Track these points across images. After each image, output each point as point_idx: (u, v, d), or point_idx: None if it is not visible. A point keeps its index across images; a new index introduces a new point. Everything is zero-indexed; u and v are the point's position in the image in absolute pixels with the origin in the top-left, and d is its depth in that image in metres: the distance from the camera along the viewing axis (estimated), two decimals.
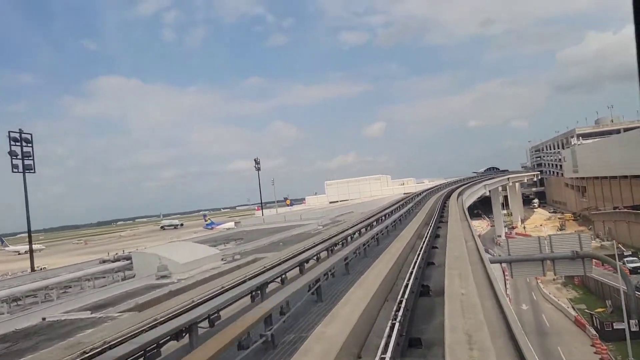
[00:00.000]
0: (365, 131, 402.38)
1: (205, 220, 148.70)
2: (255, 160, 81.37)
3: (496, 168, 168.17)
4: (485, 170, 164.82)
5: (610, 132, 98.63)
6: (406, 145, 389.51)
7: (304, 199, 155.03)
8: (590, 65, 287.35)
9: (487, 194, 74.02)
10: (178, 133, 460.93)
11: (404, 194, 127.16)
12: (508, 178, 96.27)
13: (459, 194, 49.26)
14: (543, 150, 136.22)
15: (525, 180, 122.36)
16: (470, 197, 56.49)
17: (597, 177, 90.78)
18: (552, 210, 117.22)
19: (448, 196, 49.48)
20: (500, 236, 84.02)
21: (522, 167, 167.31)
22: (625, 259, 45.35)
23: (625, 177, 77.68)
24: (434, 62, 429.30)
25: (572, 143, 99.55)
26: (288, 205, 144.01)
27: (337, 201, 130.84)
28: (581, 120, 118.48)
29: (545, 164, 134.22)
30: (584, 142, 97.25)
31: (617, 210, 68.34)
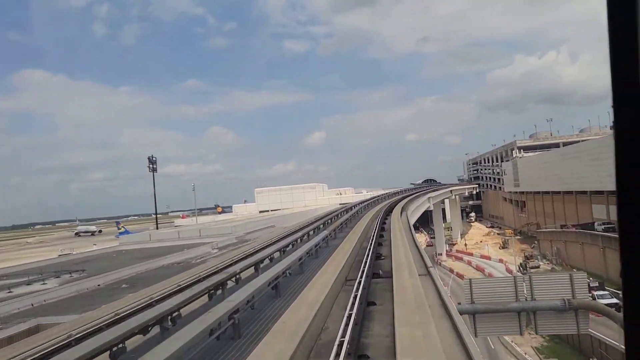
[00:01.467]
0: (306, 140, 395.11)
1: (119, 229, 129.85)
2: (149, 159, 65.97)
3: (433, 180, 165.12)
4: (423, 182, 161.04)
5: (549, 146, 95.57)
6: (346, 156, 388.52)
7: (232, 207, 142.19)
8: (517, 87, 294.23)
9: (431, 207, 65.24)
10: (109, 134, 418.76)
11: (340, 204, 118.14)
12: (451, 191, 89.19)
13: (403, 209, 38.83)
14: (481, 163, 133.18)
15: (467, 194, 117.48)
16: (415, 212, 46.76)
17: (538, 192, 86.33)
18: (489, 225, 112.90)
19: (389, 211, 38.77)
20: (441, 254, 75.78)
21: (458, 179, 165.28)
22: (595, 293, 36.99)
23: (570, 192, 72.88)
24: (375, 76, 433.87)
25: (514, 155, 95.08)
26: (219, 212, 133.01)
27: (268, 210, 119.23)
28: (507, 138, 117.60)
29: (483, 177, 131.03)
30: (525, 155, 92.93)
31: (567, 229, 62.05)
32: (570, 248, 58.27)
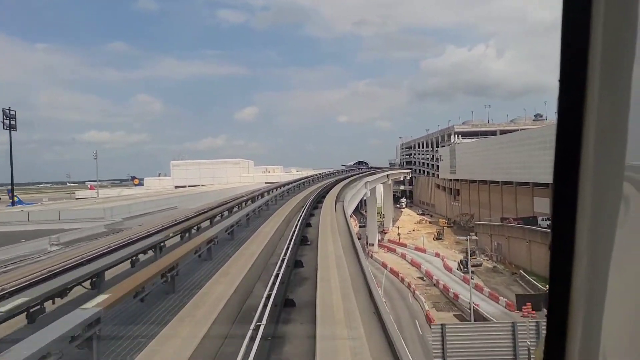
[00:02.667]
0: (238, 115, 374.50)
1: (11, 198, 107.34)
2: (4, 111, 49.24)
3: (365, 163, 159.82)
4: (354, 164, 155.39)
5: (485, 133, 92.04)
6: (278, 133, 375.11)
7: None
8: (447, 77, 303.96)
9: (369, 194, 56.74)
10: (22, 94, 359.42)
11: (267, 183, 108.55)
12: (387, 175, 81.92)
13: (337, 198, 28.95)
14: (415, 147, 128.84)
15: (402, 178, 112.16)
16: (352, 201, 37.47)
17: (474, 181, 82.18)
18: (420, 212, 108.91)
19: (319, 199, 28.69)
20: (372, 244, 68.25)
21: (390, 163, 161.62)
22: None
23: (509, 183, 68.70)
24: (312, 55, 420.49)
25: (452, 141, 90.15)
26: (136, 185, 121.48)
27: (185, 186, 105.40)
28: (436, 126, 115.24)
29: (416, 162, 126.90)
30: (463, 141, 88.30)
31: (509, 224, 56.95)
32: (514, 245, 53.13)
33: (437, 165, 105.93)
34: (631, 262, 1.00)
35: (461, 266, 50.20)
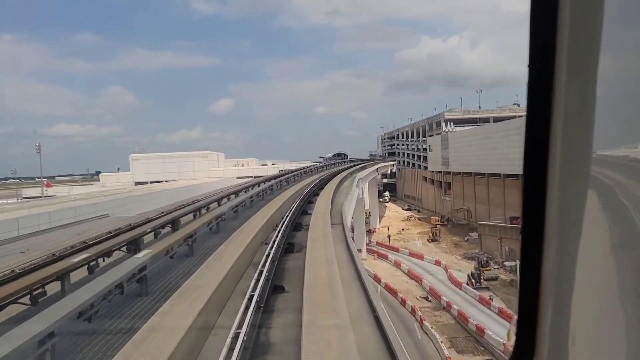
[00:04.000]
0: (213, 107, 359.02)
1: None
2: None
3: (344, 154, 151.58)
4: (333, 156, 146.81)
5: (476, 120, 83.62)
6: (254, 125, 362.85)
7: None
8: (422, 68, 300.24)
9: (361, 195, 46.93)
10: None
11: (238, 178, 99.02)
12: (377, 169, 72.33)
13: (332, 214, 18.70)
14: (398, 137, 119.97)
15: (389, 171, 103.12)
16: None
17: (468, 173, 73.75)
18: (406, 207, 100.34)
19: (306, 207, 18.51)
20: (360, 250, 58.58)
21: (370, 155, 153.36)
22: None
23: (514, 176, 60.29)
24: (287, 45, 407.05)
25: (443, 129, 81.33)
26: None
27: (147, 182, 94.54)
28: (412, 117, 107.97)
29: (400, 153, 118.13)
30: (456, 129, 79.64)
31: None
32: None
33: (424, 157, 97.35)
34: (596, 246, 1.04)
35: (473, 280, 41.21)
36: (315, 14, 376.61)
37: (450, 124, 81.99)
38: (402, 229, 74.63)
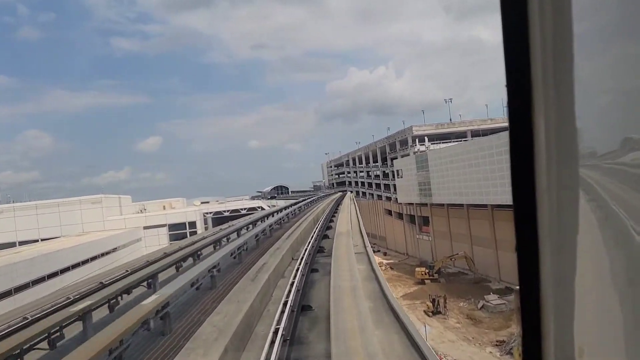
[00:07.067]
0: (141, 145, 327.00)
1: None
2: None
3: (285, 187, 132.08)
4: (272, 189, 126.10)
5: (448, 136, 67.34)
6: (187, 162, 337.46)
7: None
8: (351, 98, 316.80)
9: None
10: None
11: (146, 227, 74.54)
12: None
13: None
14: (348, 164, 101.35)
15: None
16: None
17: (457, 205, 55.75)
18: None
19: None
20: None
21: (313, 185, 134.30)
22: None
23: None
24: (217, 81, 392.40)
25: (416, 148, 63.29)
26: None
27: (16, 243, 67.19)
28: (343, 146, 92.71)
29: (351, 182, 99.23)
30: (433, 146, 61.91)
31: None
32: None
33: (387, 185, 79.01)
34: (592, 253, 1.03)
35: None
36: (242, 49, 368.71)
37: (422, 140, 64.35)
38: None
